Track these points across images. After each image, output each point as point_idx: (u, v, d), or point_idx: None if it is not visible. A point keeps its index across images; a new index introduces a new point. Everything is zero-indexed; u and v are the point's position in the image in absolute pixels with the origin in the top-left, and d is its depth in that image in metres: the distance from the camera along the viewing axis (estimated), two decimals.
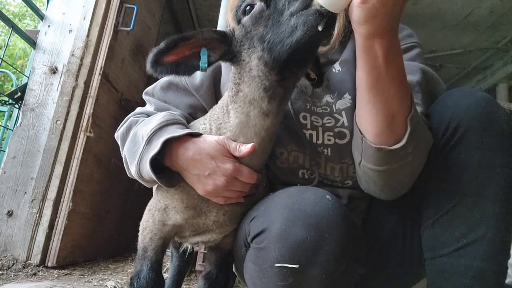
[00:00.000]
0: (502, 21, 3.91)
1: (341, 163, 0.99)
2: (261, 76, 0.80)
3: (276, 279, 0.75)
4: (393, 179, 0.84)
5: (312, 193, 0.80)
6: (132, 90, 2.78)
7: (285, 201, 0.81)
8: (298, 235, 0.73)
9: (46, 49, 2.20)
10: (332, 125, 0.99)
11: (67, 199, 2.06)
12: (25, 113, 2.10)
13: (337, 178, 1.01)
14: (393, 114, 0.74)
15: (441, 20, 3.98)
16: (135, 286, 0.98)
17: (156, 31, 3.14)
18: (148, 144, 0.89)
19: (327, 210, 0.75)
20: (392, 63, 0.72)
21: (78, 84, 2.15)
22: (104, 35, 2.28)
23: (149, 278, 0.98)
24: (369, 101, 0.76)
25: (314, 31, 0.68)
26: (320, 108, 1.01)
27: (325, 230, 0.73)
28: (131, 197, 2.89)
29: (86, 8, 2.24)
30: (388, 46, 0.70)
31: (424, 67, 1.00)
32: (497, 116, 0.81)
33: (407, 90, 0.76)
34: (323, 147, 1.00)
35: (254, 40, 0.80)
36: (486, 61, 4.78)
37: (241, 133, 0.85)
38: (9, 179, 2.01)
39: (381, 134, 0.77)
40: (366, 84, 0.76)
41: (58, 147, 2.06)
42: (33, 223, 1.95)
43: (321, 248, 0.72)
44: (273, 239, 0.75)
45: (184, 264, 1.51)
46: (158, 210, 1.01)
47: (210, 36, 0.82)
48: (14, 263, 1.86)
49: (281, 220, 0.76)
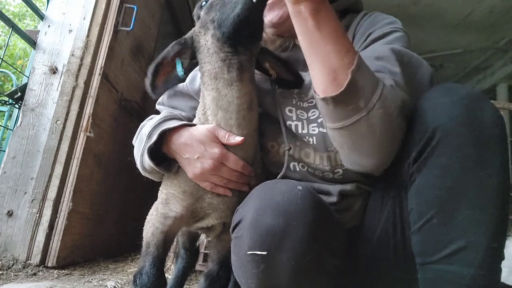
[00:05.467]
0: (502, 21, 3.92)
1: (328, 151, 1.01)
2: (216, 50, 0.94)
3: (250, 266, 0.78)
4: (355, 138, 0.83)
5: (284, 184, 0.85)
6: (132, 90, 2.78)
7: (259, 192, 0.86)
8: (267, 222, 0.77)
9: (46, 49, 2.20)
10: (316, 116, 1.04)
11: (67, 199, 2.06)
12: (25, 113, 2.10)
13: (326, 168, 1.03)
14: (334, 69, 0.79)
15: (441, 20, 3.99)
16: (137, 283, 0.99)
17: (156, 31, 3.14)
18: (149, 139, 1.00)
19: (296, 199, 0.79)
20: (322, 23, 0.79)
21: (78, 84, 2.15)
22: (104, 35, 2.28)
23: (150, 274, 0.99)
24: (311, 60, 0.84)
25: (250, 3, 0.85)
26: (306, 103, 1.07)
27: (293, 217, 0.76)
28: (131, 197, 2.89)
29: (86, 8, 2.24)
30: (315, 8, 0.78)
31: (398, 48, 0.96)
32: (482, 114, 0.77)
33: (348, 47, 0.81)
34: (308, 136, 1.03)
35: (208, 24, 0.96)
36: (486, 61, 4.78)
37: (217, 106, 0.96)
38: (9, 179, 2.01)
39: (327, 88, 0.80)
40: (304, 45, 0.84)
41: (58, 147, 2.06)
42: (33, 223, 1.95)
43: (288, 234, 0.75)
44: (246, 228, 0.80)
45: (190, 265, 1.52)
46: (161, 203, 1.04)
47: (174, 49, 1.02)
48: (14, 263, 1.86)
49: (254, 209, 0.81)
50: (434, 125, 0.79)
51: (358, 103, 0.78)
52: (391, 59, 0.93)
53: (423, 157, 0.81)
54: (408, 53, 0.98)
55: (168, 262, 2.12)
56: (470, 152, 0.76)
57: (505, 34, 4.18)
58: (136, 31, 2.63)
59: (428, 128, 0.80)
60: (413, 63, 0.98)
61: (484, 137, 0.76)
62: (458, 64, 4.88)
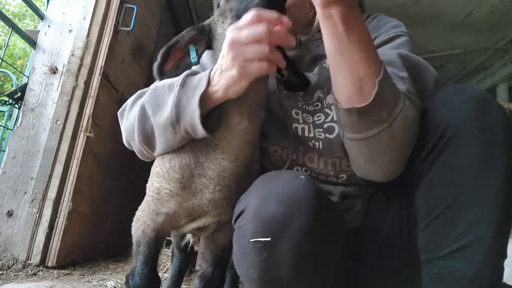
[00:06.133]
0: (502, 21, 3.92)
1: (333, 157, 1.01)
2: None
3: (253, 255, 0.78)
4: (374, 149, 0.83)
5: (287, 173, 0.85)
6: (132, 90, 2.77)
7: (262, 182, 0.85)
8: (269, 210, 0.76)
9: (46, 49, 2.20)
10: (322, 121, 1.03)
11: (67, 199, 2.06)
12: (25, 113, 2.10)
13: (330, 173, 1.02)
14: (361, 77, 0.77)
15: (441, 20, 3.99)
16: (130, 284, 0.96)
17: (156, 31, 3.14)
18: (184, 87, 0.86)
19: (298, 188, 0.78)
20: (352, 29, 0.76)
21: (78, 84, 2.15)
22: (104, 35, 2.28)
23: (142, 273, 0.95)
24: (337, 66, 0.81)
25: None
26: (312, 106, 1.06)
27: (295, 206, 0.75)
28: (131, 197, 2.89)
29: (86, 8, 2.24)
30: (345, 12, 0.75)
31: (405, 53, 0.97)
32: (491, 114, 0.78)
33: (375, 55, 0.79)
34: (314, 140, 1.02)
35: (227, 13, 0.91)
36: (486, 61, 4.78)
37: None
38: (9, 179, 2.01)
39: (351, 98, 0.79)
40: (331, 50, 0.80)
41: (58, 147, 2.06)
42: (33, 223, 1.95)
43: (290, 222, 0.75)
44: (249, 217, 0.79)
45: (185, 265, 1.52)
46: (152, 198, 0.99)
47: (190, 34, 0.94)
48: (14, 263, 1.86)
49: (257, 198, 0.80)
50: (444, 124, 0.79)
51: (382, 115, 0.77)
52: (399, 64, 0.93)
53: (432, 155, 0.82)
54: (415, 57, 0.98)
55: (168, 262, 2.11)
56: (479, 152, 0.77)
57: (505, 34, 4.18)
58: (136, 31, 2.63)
59: (438, 127, 0.80)
60: (420, 67, 0.98)
61: (493, 137, 0.77)
62: (458, 64, 4.88)
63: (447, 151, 0.80)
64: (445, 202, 0.80)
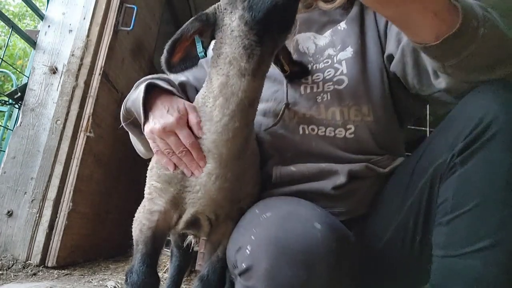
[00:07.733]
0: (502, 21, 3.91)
1: (341, 105, 1.03)
2: (241, 35, 0.86)
3: None
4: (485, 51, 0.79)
5: (298, 220, 0.77)
6: None
7: (269, 233, 0.77)
8: (285, 274, 0.71)
9: (46, 49, 2.20)
10: (332, 75, 1.07)
11: (67, 199, 2.06)
12: (25, 113, 2.10)
13: (338, 122, 1.04)
14: (435, 12, 0.73)
15: None
16: (128, 282, 0.96)
17: (156, 31, 3.14)
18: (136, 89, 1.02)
19: (316, 245, 0.72)
20: None
21: (78, 84, 2.15)
22: (104, 35, 2.28)
23: (139, 271, 0.96)
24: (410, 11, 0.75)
25: None
26: (322, 63, 1.10)
27: (314, 267, 0.70)
28: (131, 197, 2.89)
29: (86, 8, 2.24)
30: None
31: None
32: None
33: None
34: (323, 93, 1.06)
35: (237, 3, 0.86)
36: None
37: (220, 93, 0.90)
38: (9, 179, 2.01)
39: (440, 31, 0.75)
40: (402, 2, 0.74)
41: (58, 147, 2.06)
42: (33, 223, 1.95)
43: (311, 285, 0.71)
44: (260, 279, 0.74)
45: (184, 264, 1.52)
46: (147, 198, 1.03)
47: (194, 25, 0.90)
48: (14, 263, 1.86)
49: (267, 258, 0.73)
50: (489, 118, 0.75)
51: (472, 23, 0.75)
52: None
53: (471, 149, 0.77)
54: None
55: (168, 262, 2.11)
56: None
57: None
58: (136, 31, 2.63)
59: (482, 120, 0.76)
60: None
61: None
62: None
63: (490, 147, 0.75)
64: (475, 200, 0.75)
